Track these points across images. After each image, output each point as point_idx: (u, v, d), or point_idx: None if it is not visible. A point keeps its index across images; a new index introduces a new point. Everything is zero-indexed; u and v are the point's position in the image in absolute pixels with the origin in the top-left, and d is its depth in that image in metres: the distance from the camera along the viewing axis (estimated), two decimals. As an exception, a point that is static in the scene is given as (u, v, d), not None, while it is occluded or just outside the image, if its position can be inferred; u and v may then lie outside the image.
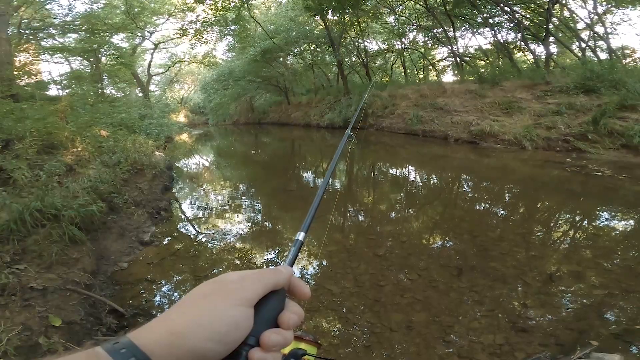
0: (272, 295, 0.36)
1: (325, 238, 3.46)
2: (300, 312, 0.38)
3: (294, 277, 0.40)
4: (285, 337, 0.35)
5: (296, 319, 0.37)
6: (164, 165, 6.83)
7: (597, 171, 5.55)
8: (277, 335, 0.34)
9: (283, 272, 0.38)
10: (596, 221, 3.91)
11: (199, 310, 0.31)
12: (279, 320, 0.36)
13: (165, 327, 0.30)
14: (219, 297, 0.32)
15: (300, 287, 0.40)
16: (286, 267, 0.40)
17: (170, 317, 0.31)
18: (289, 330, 0.36)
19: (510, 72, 11.56)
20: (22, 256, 2.66)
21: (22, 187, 3.44)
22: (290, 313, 0.36)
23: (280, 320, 0.36)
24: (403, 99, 12.67)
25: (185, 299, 0.33)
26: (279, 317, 0.36)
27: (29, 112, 5.36)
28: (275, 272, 0.38)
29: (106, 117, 8.19)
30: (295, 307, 0.38)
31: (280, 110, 22.42)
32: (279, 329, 0.35)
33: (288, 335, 0.35)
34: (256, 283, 0.35)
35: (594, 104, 7.61)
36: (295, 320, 0.36)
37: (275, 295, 0.37)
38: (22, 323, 2.04)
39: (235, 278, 0.35)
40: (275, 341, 0.34)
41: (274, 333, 0.34)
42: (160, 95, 26.30)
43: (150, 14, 18.64)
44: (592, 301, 2.38)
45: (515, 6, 12.66)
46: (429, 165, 7.55)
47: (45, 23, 13.49)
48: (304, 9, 15.10)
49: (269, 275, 0.36)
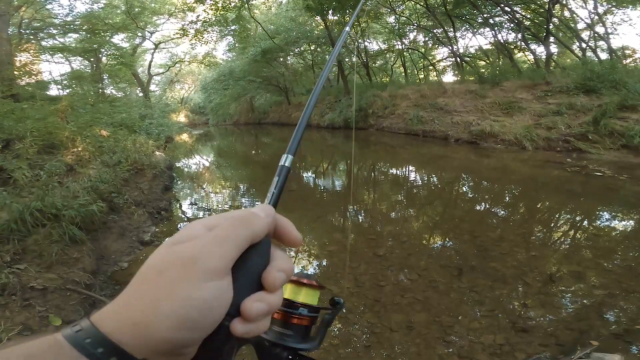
0: (251, 250, 0.28)
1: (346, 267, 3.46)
2: (288, 266, 0.30)
3: (279, 218, 0.32)
4: (271, 301, 0.28)
5: (284, 277, 0.29)
6: (164, 165, 6.84)
7: (598, 171, 5.54)
8: (261, 302, 0.28)
9: (262, 217, 0.30)
10: (596, 221, 3.91)
11: (157, 293, 0.24)
12: (263, 280, 0.29)
13: (127, 314, 0.24)
14: (179, 273, 0.25)
15: (287, 231, 0.32)
16: (266, 208, 0.31)
17: (130, 302, 0.25)
18: (276, 292, 0.29)
19: (511, 72, 11.56)
20: (22, 256, 2.66)
21: (22, 186, 3.44)
22: (275, 271, 0.29)
23: (265, 281, 0.29)
24: (403, 99, 12.67)
25: (142, 274, 0.26)
26: (262, 276, 0.29)
27: (29, 112, 5.37)
28: (252, 219, 0.29)
29: (107, 117, 8.20)
30: (281, 260, 0.30)
31: (281, 111, 22.43)
32: (262, 294, 0.28)
33: (275, 297, 0.29)
34: (227, 244, 0.27)
35: (594, 104, 7.61)
36: (283, 278, 0.29)
37: (255, 251, 0.29)
38: (22, 323, 2.04)
39: (197, 240, 0.27)
40: (260, 310, 0.27)
41: (257, 300, 0.28)
42: (160, 95, 26.32)
43: (151, 14, 18.67)
44: (592, 301, 2.37)
45: (516, 6, 12.67)
46: (429, 166, 7.54)
47: (45, 23, 13.51)
48: (304, 9, 15.12)
49: (243, 227, 0.28)
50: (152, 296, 0.24)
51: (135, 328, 0.24)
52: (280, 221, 0.32)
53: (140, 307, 0.24)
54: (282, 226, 0.32)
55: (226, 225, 0.28)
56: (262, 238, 0.29)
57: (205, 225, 0.28)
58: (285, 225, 0.32)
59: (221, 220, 0.29)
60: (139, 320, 0.24)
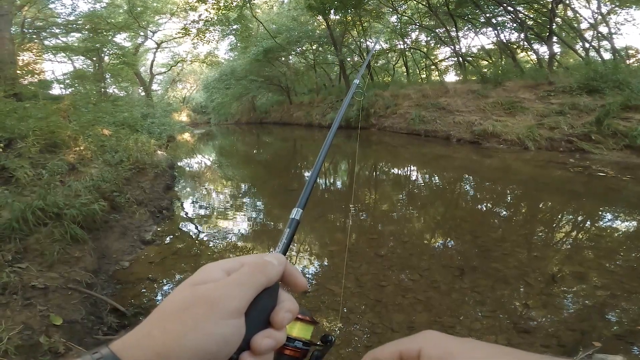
0: (263, 292, 0.32)
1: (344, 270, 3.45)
2: (294, 308, 0.34)
3: (288, 265, 0.35)
4: (278, 338, 0.32)
5: (290, 316, 0.33)
6: (165, 164, 6.85)
7: (601, 172, 5.52)
8: (269, 339, 0.31)
9: (275, 265, 0.34)
10: (599, 222, 3.89)
11: (182, 327, 0.27)
12: (272, 319, 0.32)
13: (149, 345, 0.26)
14: (203, 310, 0.28)
15: (295, 277, 0.35)
16: (279, 257, 0.35)
17: (153, 333, 0.27)
18: (282, 330, 0.33)
19: (513, 72, 11.52)
20: (23, 255, 2.66)
21: (24, 185, 3.45)
22: (283, 312, 0.33)
23: (273, 320, 0.32)
24: (405, 98, 12.65)
25: (165, 310, 0.29)
26: (271, 315, 0.32)
27: (31, 111, 5.38)
28: (267, 267, 0.33)
29: (109, 116, 8.21)
30: (288, 302, 0.34)
31: (282, 110, 22.44)
32: (270, 331, 0.32)
33: (282, 334, 0.32)
34: (245, 287, 0.30)
35: (597, 104, 7.58)
36: (290, 318, 0.33)
37: (267, 293, 0.32)
38: (23, 322, 2.03)
39: (219, 282, 0.30)
40: (268, 345, 0.31)
41: (266, 337, 0.31)
42: (162, 95, 26.40)
43: (153, 13, 18.71)
44: (594, 302, 2.36)
45: (519, 6, 12.62)
46: (431, 166, 7.53)
47: (48, 22, 13.56)
48: (306, 9, 15.11)
49: (259, 274, 0.32)
50: (178, 330, 0.27)
51: (158, 357, 0.26)
52: (289, 268, 0.35)
53: (164, 339, 0.27)
54: (290, 273, 0.35)
55: (245, 271, 0.32)
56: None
57: (223, 269, 0.32)
58: (292, 273, 0.35)
59: (237, 265, 0.32)
60: (162, 351, 0.26)
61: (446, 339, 0.34)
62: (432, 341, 0.34)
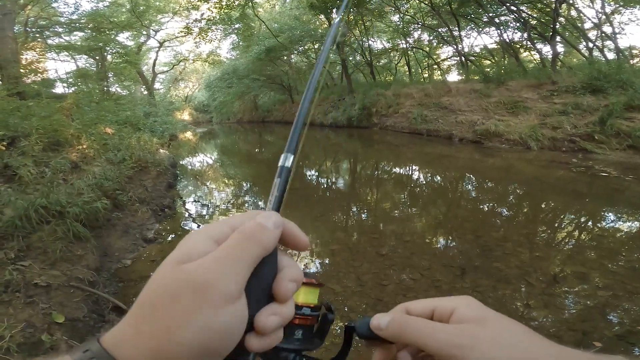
0: (261, 264, 0.27)
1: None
2: (298, 275, 0.29)
3: (286, 224, 0.30)
4: (284, 313, 0.28)
5: (294, 286, 0.29)
6: (168, 163, 6.86)
7: (603, 172, 5.49)
8: (275, 316, 0.27)
9: (271, 229, 0.28)
10: (601, 222, 3.87)
11: (173, 322, 0.23)
12: (274, 292, 0.28)
13: (143, 342, 0.23)
14: (195, 300, 0.24)
15: (294, 236, 0.30)
16: (274, 217, 0.29)
17: (142, 329, 0.24)
18: (288, 302, 0.28)
19: (516, 71, 11.49)
20: (26, 253, 2.68)
21: (27, 183, 3.47)
22: (286, 282, 0.28)
23: (276, 293, 0.28)
24: (407, 98, 12.63)
25: (150, 300, 0.25)
26: (273, 287, 0.28)
27: (35, 109, 5.41)
28: (262, 234, 0.27)
29: (111, 114, 8.25)
30: (291, 269, 0.29)
31: (284, 109, 22.45)
32: (275, 306, 0.28)
33: (288, 308, 0.28)
34: (240, 263, 0.26)
35: (600, 104, 7.54)
36: (294, 288, 0.29)
37: (265, 263, 0.28)
38: (25, 320, 2.04)
39: (208, 259, 0.25)
40: (274, 323, 0.27)
41: (271, 314, 0.27)
42: (164, 94, 26.47)
43: (155, 13, 18.75)
44: (596, 302, 2.35)
45: (522, 5, 12.57)
46: (433, 165, 7.52)
47: (51, 21, 13.61)
48: (308, 8, 15.10)
49: (255, 244, 0.27)
50: (168, 324, 0.23)
51: (154, 356, 0.23)
52: (286, 226, 0.30)
53: (156, 335, 0.23)
54: (289, 232, 0.30)
55: (236, 243, 0.27)
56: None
57: (211, 237, 0.27)
58: (292, 230, 0.30)
59: (226, 229, 0.28)
60: (158, 349, 0.23)
61: (483, 306, 0.33)
62: (468, 304, 0.33)
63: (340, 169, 8.44)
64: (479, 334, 0.29)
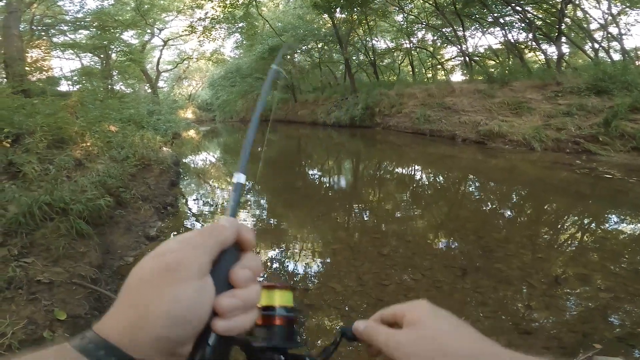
0: (221, 255, 0.33)
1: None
2: (254, 264, 0.34)
3: (240, 226, 0.36)
4: (242, 296, 0.32)
5: (248, 273, 0.33)
6: (171, 160, 6.89)
7: (607, 174, 5.46)
8: (232, 298, 0.31)
9: (227, 227, 0.34)
10: (604, 224, 3.85)
11: (148, 297, 0.28)
12: (231, 278, 0.32)
13: (123, 319, 0.28)
14: (164, 279, 0.29)
15: (245, 235, 0.36)
16: (230, 220, 0.36)
17: (124, 307, 0.29)
18: (249, 287, 0.32)
19: (521, 72, 11.42)
20: (30, 249, 2.69)
21: (31, 180, 3.49)
22: (240, 269, 0.33)
23: (233, 279, 0.32)
24: (410, 98, 12.60)
25: (131, 284, 0.30)
26: (230, 273, 0.32)
27: (39, 107, 5.45)
28: (220, 230, 0.34)
29: (115, 112, 8.30)
30: (248, 259, 0.35)
31: (287, 108, 22.46)
32: (232, 291, 0.32)
33: (246, 292, 0.32)
34: (200, 250, 0.31)
35: (605, 105, 7.49)
36: (248, 274, 0.33)
37: (224, 255, 0.33)
38: (27, 317, 2.04)
39: (174, 248, 0.31)
40: (231, 304, 0.31)
41: (226, 297, 0.31)
42: (168, 92, 26.53)
43: (160, 11, 18.82)
44: (597, 304, 2.34)
45: (527, 6, 12.49)
46: (436, 165, 7.50)
47: (57, 20, 13.68)
48: (312, 7, 15.10)
49: (214, 236, 0.33)
50: (144, 300, 0.28)
51: (133, 330, 0.27)
52: (242, 228, 0.36)
53: (134, 311, 0.28)
54: (240, 233, 0.35)
55: (199, 236, 0.32)
56: (230, 245, 0.34)
57: (179, 240, 0.32)
58: (242, 232, 0.36)
59: (192, 233, 0.33)
60: (135, 322, 0.27)
61: (427, 308, 0.39)
62: (415, 308, 0.39)
63: (343, 168, 8.44)
64: (405, 336, 0.36)
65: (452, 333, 0.36)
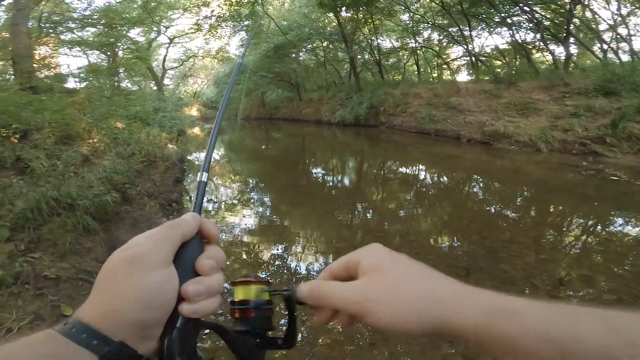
0: (184, 246, 0.36)
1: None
2: (218, 255, 0.37)
3: (204, 221, 0.39)
4: (206, 282, 0.35)
5: (213, 263, 0.36)
6: (176, 157, 6.93)
7: (614, 175, 5.41)
8: (197, 284, 0.34)
9: (188, 220, 0.37)
10: (609, 226, 3.82)
11: (120, 286, 0.31)
12: (196, 267, 0.35)
13: (100, 306, 0.31)
14: (130, 267, 0.32)
15: (208, 229, 0.38)
16: (192, 215, 0.38)
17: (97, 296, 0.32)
18: (212, 276, 0.35)
19: (528, 72, 11.34)
20: (37, 244, 2.70)
21: (39, 176, 3.52)
22: (204, 258, 0.36)
23: (198, 268, 0.35)
24: (416, 97, 12.55)
25: (102, 276, 0.33)
26: (195, 263, 0.35)
27: (47, 103, 5.50)
28: (181, 223, 0.36)
29: (122, 109, 8.35)
30: (212, 250, 0.37)
31: (292, 106, 22.48)
32: (198, 278, 0.35)
33: (211, 281, 0.35)
34: (162, 241, 0.34)
35: (613, 106, 7.42)
36: (212, 264, 0.36)
37: (187, 246, 0.36)
38: (34, 312, 2.03)
39: (140, 242, 0.34)
40: (195, 290, 0.34)
41: (192, 283, 0.34)
42: (174, 89, 26.66)
43: (166, 9, 18.86)
44: (600, 306, 2.32)
45: (535, 6, 12.37)
46: (440, 165, 7.47)
47: (64, 17, 13.78)
48: (318, 6, 15.07)
49: (174, 229, 0.35)
50: (116, 288, 0.31)
51: (109, 314, 0.30)
52: (203, 222, 0.38)
53: (105, 296, 0.31)
54: (204, 227, 0.38)
55: (162, 229, 0.35)
56: (192, 237, 0.37)
57: (145, 235, 0.35)
58: (206, 226, 0.38)
59: (158, 228, 0.36)
60: (110, 308, 0.31)
61: (383, 254, 0.37)
62: (368, 255, 0.37)
63: (347, 167, 8.44)
64: (372, 286, 0.34)
65: (425, 276, 0.35)
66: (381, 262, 0.36)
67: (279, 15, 20.98)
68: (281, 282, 2.91)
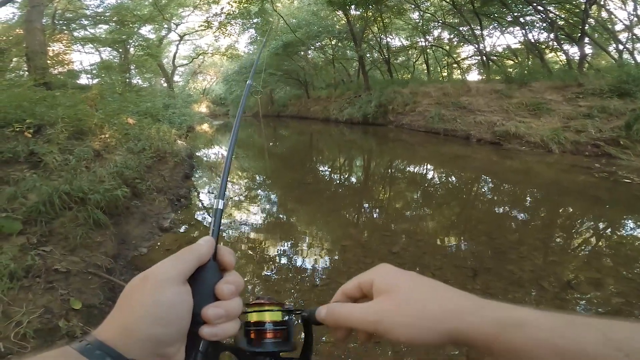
0: (200, 270, 0.37)
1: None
2: (237, 280, 0.39)
3: (221, 248, 0.40)
4: (226, 306, 0.36)
5: (232, 288, 0.37)
6: (185, 153, 7.00)
7: (626, 178, 5.30)
8: (217, 308, 0.36)
9: (203, 245, 0.39)
10: (620, 229, 3.75)
11: (133, 303, 0.33)
12: (216, 292, 0.37)
13: (117, 323, 0.33)
14: (147, 286, 0.34)
15: (224, 256, 0.40)
16: (207, 240, 0.40)
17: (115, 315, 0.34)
18: (232, 300, 0.37)
19: (540, 72, 11.14)
20: (48, 238, 2.74)
21: (52, 170, 3.60)
22: (224, 283, 0.37)
23: (217, 293, 0.37)
24: (425, 96, 12.44)
25: (123, 295, 0.35)
26: (215, 288, 0.37)
27: (60, 99, 5.60)
28: (197, 247, 0.38)
29: (133, 105, 8.46)
30: (231, 276, 0.39)
31: (300, 104, 22.48)
32: (218, 302, 0.37)
33: (231, 305, 0.37)
34: (177, 262, 0.36)
35: (628, 108, 7.25)
36: (232, 289, 0.37)
37: (204, 270, 0.37)
38: (44, 305, 2.04)
39: (157, 265, 0.36)
40: (216, 313, 0.35)
41: (213, 307, 0.36)
42: (183, 86, 26.90)
43: (177, 6, 19.01)
44: (608, 309, 2.30)
45: (550, 5, 12.14)
46: (449, 165, 7.41)
47: (78, 14, 13.99)
48: (327, 3, 15.03)
49: (190, 252, 0.37)
50: (131, 306, 0.33)
51: (124, 332, 0.32)
52: (221, 250, 0.40)
53: (124, 315, 0.33)
54: (221, 254, 0.40)
55: (178, 252, 0.37)
56: (209, 261, 0.38)
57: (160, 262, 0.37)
58: (223, 253, 0.40)
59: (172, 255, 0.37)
60: (124, 325, 0.32)
61: (394, 272, 0.39)
62: (381, 275, 0.39)
63: (354, 165, 8.43)
64: (389, 304, 0.36)
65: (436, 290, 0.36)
66: (395, 281, 0.38)
67: (288, 12, 20.96)
68: (286, 281, 2.92)
